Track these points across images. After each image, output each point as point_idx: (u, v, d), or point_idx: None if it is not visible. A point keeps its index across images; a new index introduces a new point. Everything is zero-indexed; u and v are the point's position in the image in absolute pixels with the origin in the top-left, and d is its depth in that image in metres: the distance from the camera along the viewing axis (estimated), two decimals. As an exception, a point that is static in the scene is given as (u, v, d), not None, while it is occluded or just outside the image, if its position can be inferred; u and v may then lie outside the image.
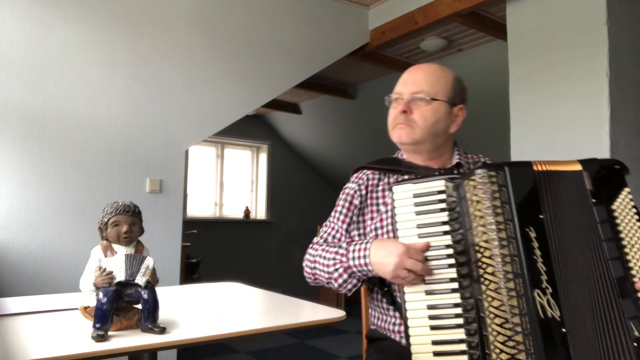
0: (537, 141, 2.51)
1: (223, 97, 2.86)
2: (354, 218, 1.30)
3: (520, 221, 0.99)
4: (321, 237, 1.32)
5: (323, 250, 1.23)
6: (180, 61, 2.73)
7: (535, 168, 1.03)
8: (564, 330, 0.95)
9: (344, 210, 1.30)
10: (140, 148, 2.61)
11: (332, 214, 1.33)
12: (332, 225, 1.31)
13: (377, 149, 5.13)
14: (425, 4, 3.00)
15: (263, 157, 6.14)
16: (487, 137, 3.80)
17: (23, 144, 2.31)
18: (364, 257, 1.12)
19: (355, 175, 1.35)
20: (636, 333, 0.96)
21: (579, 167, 1.06)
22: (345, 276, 1.16)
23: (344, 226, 1.29)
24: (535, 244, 0.98)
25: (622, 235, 1.02)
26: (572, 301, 0.97)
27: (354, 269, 1.14)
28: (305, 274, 1.29)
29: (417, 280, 1.04)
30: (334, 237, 1.29)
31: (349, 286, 1.18)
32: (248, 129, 5.85)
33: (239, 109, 2.93)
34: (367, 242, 1.14)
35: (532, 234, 0.99)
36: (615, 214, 1.03)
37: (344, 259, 1.16)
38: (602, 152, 2.23)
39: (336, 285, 1.18)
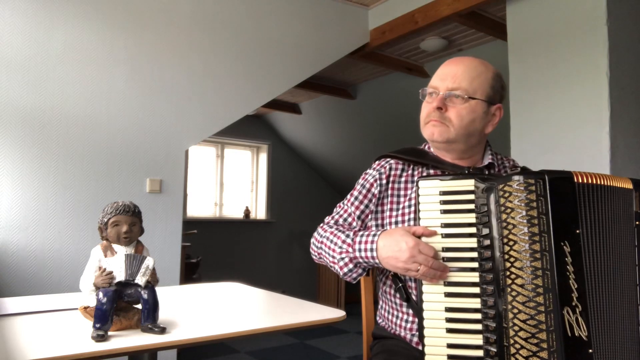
0: (537, 141, 2.51)
1: (223, 97, 2.86)
2: (371, 207, 1.27)
3: (555, 234, 0.94)
4: (332, 218, 1.30)
5: (331, 233, 1.22)
6: (180, 61, 2.73)
7: (575, 179, 0.98)
8: (590, 351, 0.92)
9: (360, 197, 1.28)
10: (140, 148, 2.61)
11: (348, 196, 1.31)
12: (345, 207, 1.30)
13: (377, 149, 5.13)
14: (425, 4, 3.00)
15: (263, 157, 6.14)
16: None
17: (23, 144, 2.31)
18: (371, 250, 1.10)
19: (377, 162, 1.32)
20: None
21: (629, 186, 1.03)
22: (350, 266, 1.16)
23: (357, 212, 1.27)
24: (569, 259, 0.94)
25: None
26: (601, 322, 0.95)
27: (360, 260, 1.13)
28: (311, 249, 1.29)
29: (429, 274, 1.01)
30: (345, 219, 1.28)
31: (354, 275, 1.17)
32: (248, 129, 5.85)
33: (239, 109, 2.93)
34: (374, 234, 1.12)
35: (567, 249, 0.95)
36: None
37: (350, 250, 1.14)
38: (602, 152, 2.23)
39: (341, 272, 1.18)
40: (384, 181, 1.26)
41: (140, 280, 0.98)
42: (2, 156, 2.26)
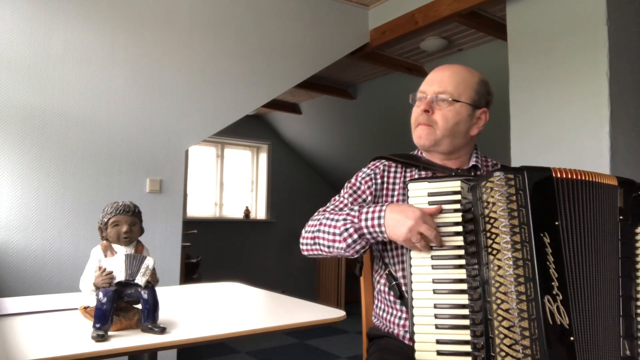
0: (536, 141, 2.51)
1: (223, 97, 2.86)
2: (367, 201, 1.30)
3: (535, 226, 0.98)
4: (326, 209, 1.32)
5: (331, 213, 1.23)
6: (180, 61, 2.73)
7: (554, 175, 1.02)
8: (572, 338, 0.95)
9: (356, 189, 1.32)
10: (140, 148, 2.61)
11: (341, 191, 1.35)
12: (342, 199, 1.32)
13: (377, 149, 5.14)
14: (425, 4, 3.00)
15: (263, 157, 6.14)
16: (487, 137, 3.80)
17: (23, 144, 2.31)
18: (378, 218, 1.12)
19: (372, 163, 1.36)
20: (627, 352, 0.99)
21: (615, 182, 1.06)
22: (355, 236, 1.16)
23: (354, 203, 1.30)
24: (549, 250, 0.97)
25: (639, 259, 1.03)
26: (583, 311, 0.97)
27: (365, 230, 1.14)
28: (301, 240, 1.29)
29: (428, 248, 1.05)
30: (341, 210, 1.29)
31: (358, 247, 1.17)
32: (248, 129, 5.85)
33: (239, 109, 2.93)
34: (382, 205, 1.14)
35: (547, 240, 0.98)
36: (638, 237, 1.05)
37: (356, 220, 1.16)
38: (602, 152, 2.23)
39: (344, 245, 1.17)
40: (379, 180, 1.31)
41: (140, 280, 0.98)
42: (2, 156, 2.26)
